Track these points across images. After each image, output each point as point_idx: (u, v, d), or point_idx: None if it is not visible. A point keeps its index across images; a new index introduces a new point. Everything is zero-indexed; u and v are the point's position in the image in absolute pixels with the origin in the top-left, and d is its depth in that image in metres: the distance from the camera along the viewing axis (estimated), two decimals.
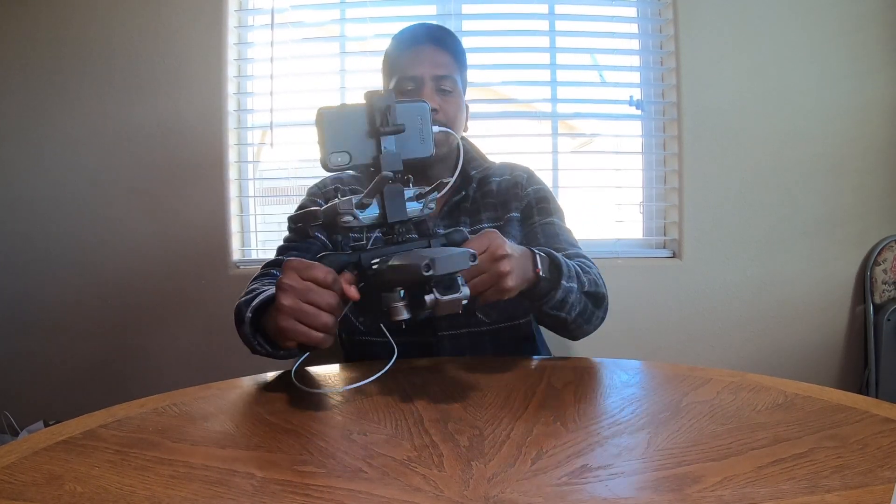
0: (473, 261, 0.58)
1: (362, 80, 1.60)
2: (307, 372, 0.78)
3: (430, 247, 0.65)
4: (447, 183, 0.68)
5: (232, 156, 1.58)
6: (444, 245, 0.66)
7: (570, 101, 1.63)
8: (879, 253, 1.54)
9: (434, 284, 0.57)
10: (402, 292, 0.59)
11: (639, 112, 1.61)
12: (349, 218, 0.61)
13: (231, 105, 1.57)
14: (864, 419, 0.55)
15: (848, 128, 1.54)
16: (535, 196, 0.99)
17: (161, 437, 0.54)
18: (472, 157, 1.00)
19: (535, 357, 0.88)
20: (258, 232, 1.65)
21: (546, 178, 1.60)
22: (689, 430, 0.54)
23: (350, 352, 0.97)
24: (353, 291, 0.61)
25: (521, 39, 1.65)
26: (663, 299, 1.55)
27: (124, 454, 0.50)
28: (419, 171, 0.76)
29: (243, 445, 0.53)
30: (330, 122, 0.63)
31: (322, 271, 0.60)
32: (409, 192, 0.65)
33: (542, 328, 1.04)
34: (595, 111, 1.64)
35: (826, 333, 1.57)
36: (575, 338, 0.87)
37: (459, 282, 0.58)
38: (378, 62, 1.01)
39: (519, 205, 0.98)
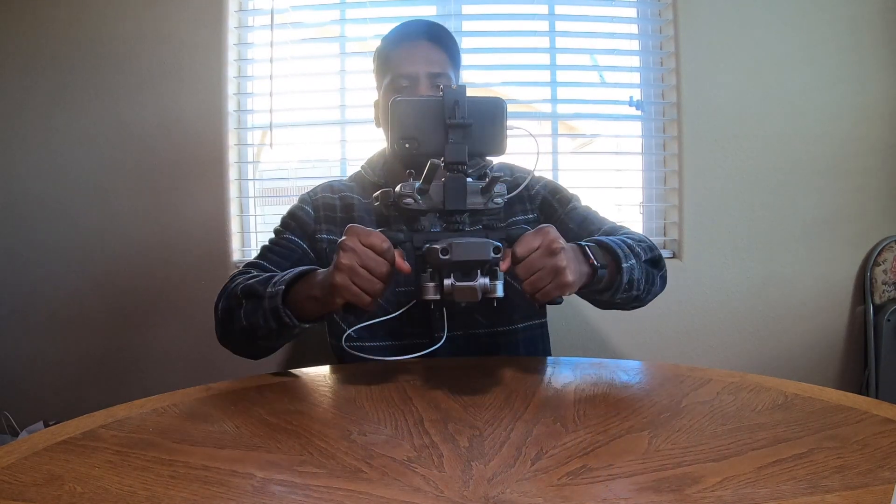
0: (497, 253, 0.60)
1: (362, 80, 1.60)
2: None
3: (487, 238, 0.65)
4: (512, 181, 0.71)
5: (232, 156, 1.58)
6: (505, 234, 0.68)
7: (570, 101, 1.63)
8: (879, 253, 1.54)
9: (452, 270, 0.60)
10: (431, 274, 0.63)
11: (639, 112, 1.61)
12: (410, 200, 0.65)
13: (231, 105, 1.57)
14: (864, 419, 0.55)
15: (848, 128, 1.54)
16: (546, 191, 0.98)
17: (161, 438, 0.54)
18: None
19: (534, 357, 0.88)
20: (258, 232, 1.65)
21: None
22: (689, 431, 0.54)
23: (341, 355, 0.96)
24: (405, 265, 0.66)
25: (521, 40, 1.65)
26: (663, 299, 1.53)
27: (124, 454, 0.50)
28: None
29: (243, 445, 0.53)
30: (402, 111, 0.67)
31: (379, 238, 0.64)
32: (476, 184, 0.67)
33: (550, 337, 1.04)
34: (595, 112, 1.64)
35: (826, 333, 1.57)
36: (645, 304, 0.88)
37: (479, 272, 0.60)
38: None
39: (531, 206, 0.97)
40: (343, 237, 0.65)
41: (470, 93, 0.66)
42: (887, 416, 0.56)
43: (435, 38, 0.93)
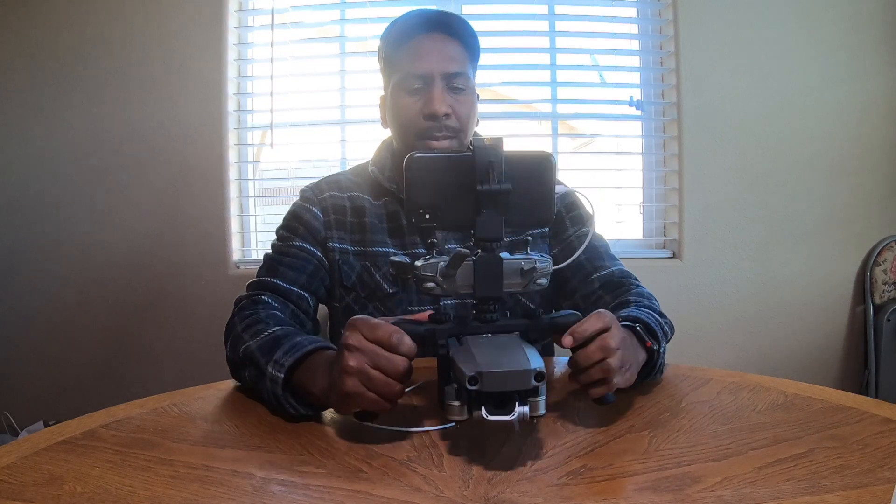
0: (539, 381, 0.46)
1: (362, 80, 1.60)
2: None
3: (527, 331, 0.55)
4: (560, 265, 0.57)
5: (232, 156, 1.58)
6: (550, 325, 0.56)
7: (570, 101, 1.63)
8: (879, 253, 1.54)
9: (484, 399, 0.47)
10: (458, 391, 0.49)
11: (639, 112, 1.61)
12: (432, 285, 0.54)
13: (231, 105, 1.57)
14: (864, 419, 0.55)
15: (848, 128, 1.54)
16: (562, 203, 0.88)
17: (161, 437, 0.54)
18: None
19: None
20: (258, 232, 1.65)
21: None
22: (689, 430, 0.54)
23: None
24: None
25: (521, 40, 1.65)
26: (663, 299, 1.53)
27: (124, 454, 0.50)
28: None
29: (243, 445, 0.53)
30: (419, 170, 0.55)
31: (386, 332, 0.52)
32: (515, 263, 0.55)
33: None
34: (595, 112, 1.64)
35: (826, 333, 1.57)
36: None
37: (517, 402, 0.47)
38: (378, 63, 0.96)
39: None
40: (345, 332, 0.54)
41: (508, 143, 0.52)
42: (887, 416, 0.56)
43: (448, 28, 0.81)
